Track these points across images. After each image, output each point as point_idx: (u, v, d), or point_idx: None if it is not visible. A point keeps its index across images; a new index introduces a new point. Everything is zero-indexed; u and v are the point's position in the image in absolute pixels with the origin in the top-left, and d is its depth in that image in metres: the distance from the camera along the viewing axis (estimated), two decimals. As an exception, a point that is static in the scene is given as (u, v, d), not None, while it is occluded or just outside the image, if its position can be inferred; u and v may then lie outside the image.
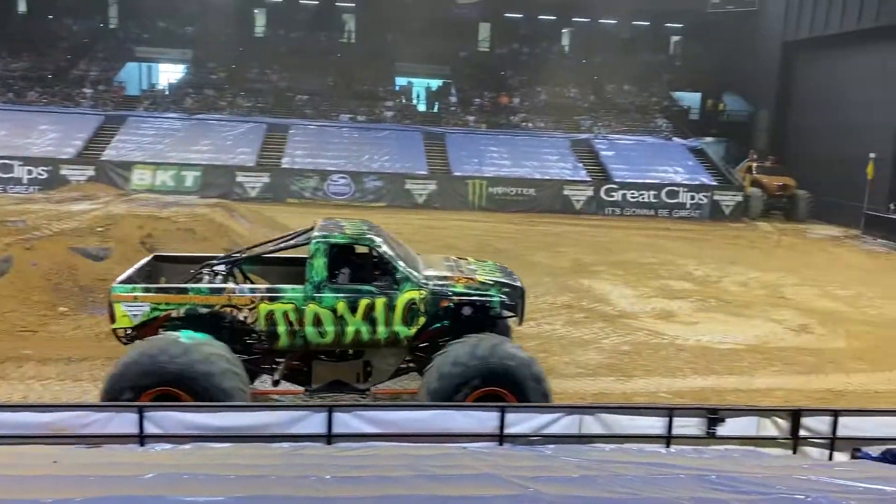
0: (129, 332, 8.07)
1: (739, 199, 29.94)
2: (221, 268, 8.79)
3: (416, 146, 31.62)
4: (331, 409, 6.12)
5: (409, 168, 29.89)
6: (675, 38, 43.80)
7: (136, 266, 8.87)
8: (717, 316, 14.83)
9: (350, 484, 3.57)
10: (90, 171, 27.29)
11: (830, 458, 6.43)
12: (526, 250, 20.86)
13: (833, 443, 6.52)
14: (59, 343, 11.01)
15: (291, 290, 8.12)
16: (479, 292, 8.59)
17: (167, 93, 35.39)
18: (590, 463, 4.12)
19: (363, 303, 8.14)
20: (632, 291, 16.44)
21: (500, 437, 6.17)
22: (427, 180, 29.28)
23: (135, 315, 7.94)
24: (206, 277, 8.62)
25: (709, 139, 36.43)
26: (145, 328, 8.00)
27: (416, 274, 8.43)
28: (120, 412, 6.04)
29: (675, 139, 34.32)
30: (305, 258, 8.33)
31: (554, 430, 6.30)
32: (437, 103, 37.38)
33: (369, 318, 8.18)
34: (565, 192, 29.46)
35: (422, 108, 37.49)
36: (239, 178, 28.32)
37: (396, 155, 30.69)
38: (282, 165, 29.42)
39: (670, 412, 6.49)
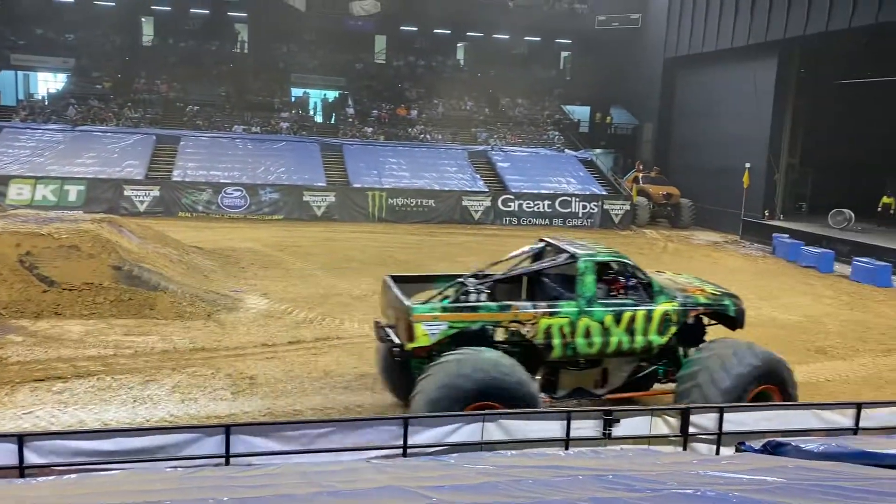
0: (403, 351, 8.44)
1: (627, 207, 31.20)
2: (482, 286, 9.13)
3: (313, 158, 31.25)
4: (227, 428, 5.93)
5: (306, 180, 29.48)
6: (565, 54, 45.26)
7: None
8: (610, 321, 15.31)
9: (250, 504, 3.47)
10: (-40, 186, 25.56)
11: (717, 452, 6.77)
12: (427, 261, 20.96)
13: (719, 438, 6.88)
14: (-74, 371, 10.19)
15: (566, 305, 8.73)
16: (718, 302, 9.53)
17: (46, 103, 33.50)
18: (492, 469, 4.18)
19: (626, 315, 8.87)
20: (530, 299, 16.76)
21: (404, 449, 6.17)
22: (326, 192, 28.97)
23: (433, 333, 8.27)
24: (473, 295, 8.91)
25: (598, 151, 37.86)
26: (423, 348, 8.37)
27: (668, 287, 9.28)
28: (-3, 443, 5.63)
29: (567, 151, 35.44)
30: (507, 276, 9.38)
31: (457, 438, 6.35)
32: (334, 115, 37.09)
33: (630, 329, 8.90)
34: (464, 203, 29.85)
35: (319, 119, 37.11)
36: (127, 192, 27.13)
37: (293, 166, 30.22)
38: (173, 178, 28.38)
39: (568, 415, 6.67)
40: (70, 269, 13.54)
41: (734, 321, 9.66)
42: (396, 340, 8.65)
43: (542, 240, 10.03)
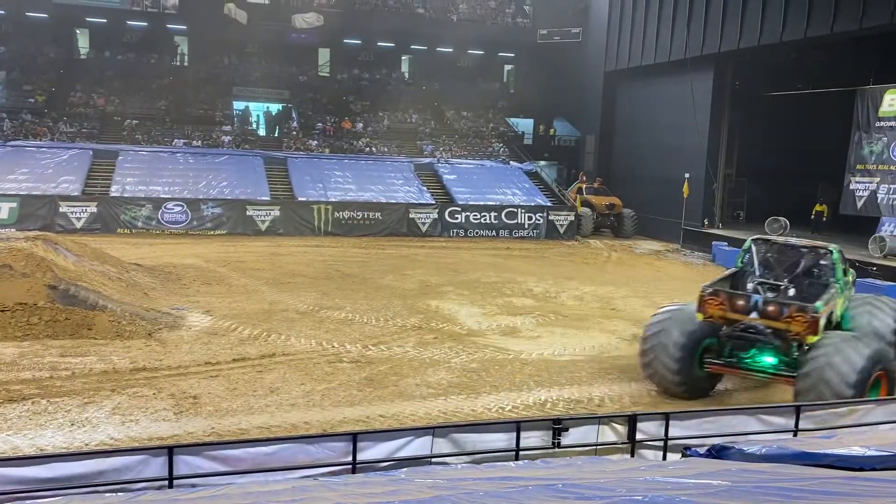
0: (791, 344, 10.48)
1: (572, 218, 31.62)
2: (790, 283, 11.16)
3: (256, 171, 30.82)
4: (170, 450, 5.76)
5: (250, 194, 29.04)
6: (508, 67, 45.75)
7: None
8: (556, 329, 15.51)
9: (194, 528, 3.38)
10: None
11: (664, 458, 6.86)
12: (374, 274, 20.87)
13: (665, 443, 6.98)
14: None
15: (836, 288, 10.87)
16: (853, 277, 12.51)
17: (-26, 117, 32.31)
18: (442, 482, 4.16)
19: (848, 293, 11.31)
20: (478, 310, 16.87)
21: (353, 465, 6.08)
22: (270, 206, 28.59)
23: (823, 326, 10.22)
24: (790, 291, 10.98)
25: (542, 163, 38.30)
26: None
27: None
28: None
29: (512, 163, 35.78)
30: None
31: (407, 452, 6.29)
32: (277, 128, 36.70)
33: (844, 301, 11.26)
34: (411, 215, 29.82)
35: (262, 132, 36.67)
36: (63, 209, 26.29)
37: (236, 181, 29.74)
38: (111, 194, 27.62)
39: (517, 426, 6.67)
40: (2, 289, 13.04)
41: None
42: (774, 338, 10.42)
43: (756, 239, 11.84)
